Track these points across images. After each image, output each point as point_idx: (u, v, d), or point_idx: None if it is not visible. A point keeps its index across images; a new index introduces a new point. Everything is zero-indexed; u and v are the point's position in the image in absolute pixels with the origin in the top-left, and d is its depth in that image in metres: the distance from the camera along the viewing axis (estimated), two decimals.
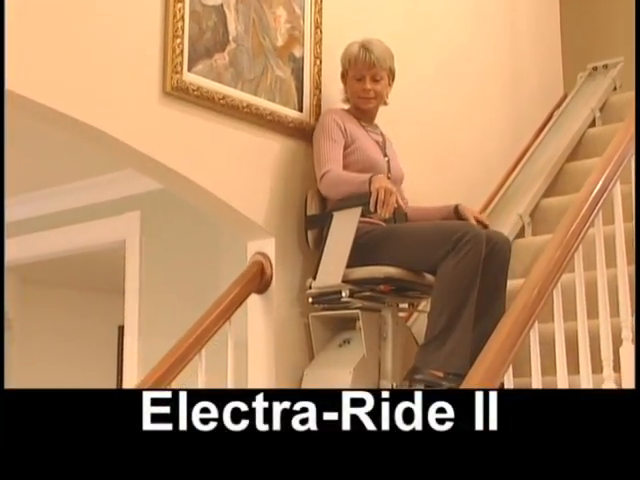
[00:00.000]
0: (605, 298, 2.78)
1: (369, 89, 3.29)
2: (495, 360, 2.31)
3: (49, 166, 4.63)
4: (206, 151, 3.08)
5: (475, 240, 2.89)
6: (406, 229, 3.14)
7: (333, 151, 3.17)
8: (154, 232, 4.54)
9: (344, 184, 3.08)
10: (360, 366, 2.99)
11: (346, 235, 2.99)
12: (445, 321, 2.87)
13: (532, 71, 5.07)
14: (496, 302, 3.05)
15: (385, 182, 2.94)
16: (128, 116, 2.88)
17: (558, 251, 2.64)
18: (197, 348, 2.97)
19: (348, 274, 2.99)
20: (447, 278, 2.90)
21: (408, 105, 3.99)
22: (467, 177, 4.29)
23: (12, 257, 5.46)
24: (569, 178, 4.51)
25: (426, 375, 2.83)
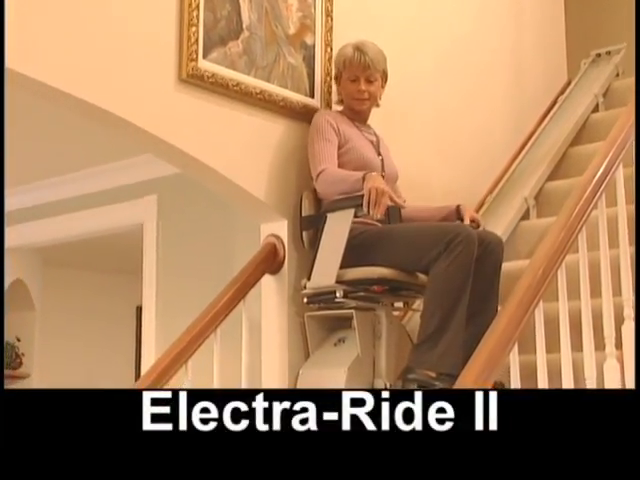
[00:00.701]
0: (608, 278, 2.77)
1: (363, 90, 3.23)
2: (502, 337, 2.32)
3: (70, 152, 4.63)
4: (221, 136, 3.08)
5: (467, 241, 2.83)
6: (399, 230, 3.06)
7: (328, 150, 3.11)
8: (171, 215, 4.55)
9: (339, 182, 3.02)
10: (354, 365, 2.94)
11: (339, 236, 2.92)
12: (437, 322, 2.80)
13: (536, 58, 5.04)
14: (489, 302, 2.98)
15: (378, 181, 2.86)
16: (145, 102, 2.88)
17: (562, 232, 2.64)
18: (213, 327, 2.98)
19: (342, 275, 2.93)
20: (439, 279, 2.84)
21: (416, 92, 3.99)
22: (474, 161, 4.28)
23: (34, 239, 5.50)
24: (573, 162, 4.49)
25: (419, 375, 2.77)
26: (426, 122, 4.04)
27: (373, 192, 2.79)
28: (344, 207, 2.94)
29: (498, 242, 3.11)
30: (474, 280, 2.85)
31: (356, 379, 2.91)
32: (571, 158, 4.57)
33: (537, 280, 2.48)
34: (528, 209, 4.29)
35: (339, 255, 2.89)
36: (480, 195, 4.29)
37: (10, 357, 6.77)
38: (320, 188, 3.11)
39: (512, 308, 2.40)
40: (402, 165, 3.82)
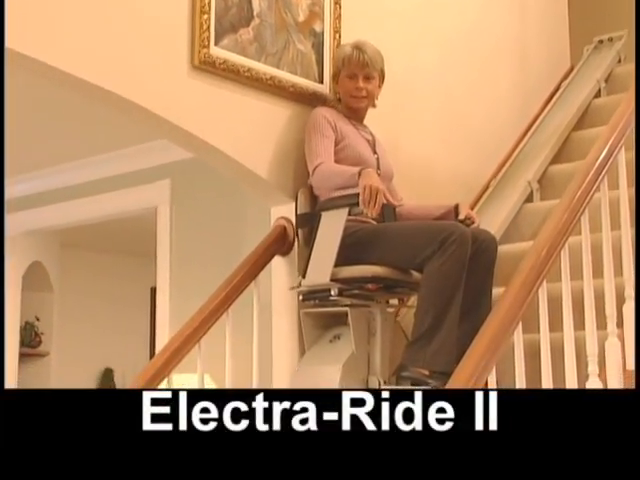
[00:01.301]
0: (609, 259, 2.77)
1: (362, 87, 3.18)
2: (506, 316, 2.32)
3: (86, 137, 4.63)
4: (232, 121, 3.08)
5: (461, 240, 2.78)
6: (393, 228, 3.01)
7: (325, 146, 3.05)
8: (183, 199, 4.55)
9: (334, 176, 2.97)
10: (349, 362, 2.90)
11: (334, 235, 2.86)
12: (431, 320, 2.76)
13: (540, 45, 5.02)
14: (482, 300, 2.93)
15: (373, 179, 2.79)
16: (159, 88, 2.89)
17: (565, 214, 2.63)
18: (225, 307, 2.99)
19: (337, 273, 2.87)
20: (433, 278, 2.79)
21: (423, 78, 3.99)
22: (479, 145, 4.28)
23: (52, 222, 5.52)
24: (575, 146, 4.47)
25: (412, 373, 2.73)
26: (433, 108, 4.04)
27: (367, 190, 2.73)
28: (338, 206, 2.88)
29: (491, 240, 3.06)
30: (468, 278, 2.81)
31: (351, 376, 2.87)
32: (574, 142, 4.55)
33: (541, 261, 2.47)
34: (532, 192, 4.27)
35: (333, 253, 2.84)
36: (485, 178, 4.28)
37: (30, 336, 6.80)
38: (315, 182, 3.05)
39: (516, 288, 2.39)
40: (409, 150, 3.83)
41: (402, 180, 3.77)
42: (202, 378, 2.93)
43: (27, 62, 2.58)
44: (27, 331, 6.75)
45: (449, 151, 4.05)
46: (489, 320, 2.31)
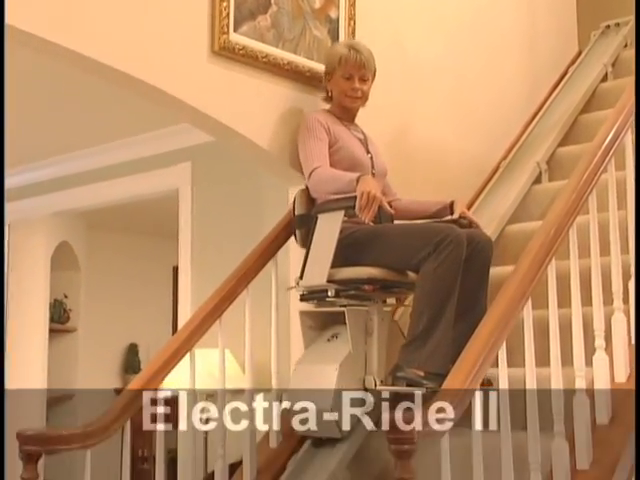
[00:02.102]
0: (616, 237, 2.76)
1: (358, 88, 3.05)
2: (516, 292, 2.30)
3: (111, 122, 4.64)
4: (250, 105, 3.07)
5: (455, 243, 2.69)
6: (389, 230, 2.89)
7: (320, 149, 2.94)
8: (204, 181, 4.55)
9: (332, 181, 2.86)
10: (346, 362, 2.81)
11: (330, 237, 2.77)
12: (426, 322, 2.68)
13: (549, 30, 4.99)
14: (478, 301, 2.86)
15: (371, 185, 2.68)
16: (180, 74, 2.89)
17: (573, 194, 2.61)
18: (244, 284, 2.98)
19: (333, 274, 2.78)
20: (428, 280, 2.70)
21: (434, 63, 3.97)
22: (489, 128, 4.27)
23: (79, 204, 5.53)
24: (583, 129, 4.45)
25: (408, 373, 2.66)
26: (444, 93, 4.02)
27: (365, 197, 2.63)
28: (335, 209, 2.79)
29: (487, 242, 2.98)
30: (463, 279, 2.74)
31: (347, 376, 2.80)
32: (581, 125, 4.54)
33: (550, 239, 2.46)
34: (540, 173, 4.27)
35: (330, 255, 2.75)
36: (495, 161, 4.27)
37: (59, 312, 6.84)
38: (312, 186, 2.95)
39: (526, 265, 2.38)
40: (423, 134, 3.82)
41: (416, 165, 3.77)
42: (223, 353, 2.93)
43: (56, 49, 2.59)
44: (56, 308, 6.79)
45: (460, 135, 4.04)
46: (500, 296, 2.30)
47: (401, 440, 1.84)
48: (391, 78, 3.69)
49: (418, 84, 3.84)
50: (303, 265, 2.85)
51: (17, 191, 5.74)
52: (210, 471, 3.41)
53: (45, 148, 5.21)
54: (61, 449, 2.53)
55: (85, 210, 5.87)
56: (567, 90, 4.82)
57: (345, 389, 2.71)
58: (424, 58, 3.91)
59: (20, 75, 3.91)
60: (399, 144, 3.71)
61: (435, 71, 3.96)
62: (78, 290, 7.00)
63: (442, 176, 3.90)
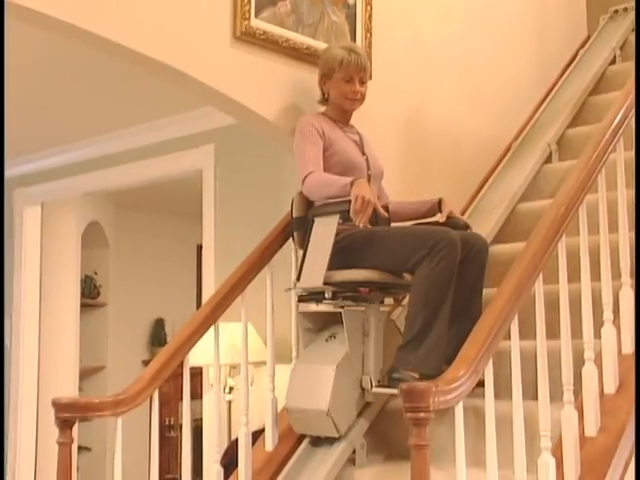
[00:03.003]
0: (624, 214, 2.73)
1: (358, 90, 2.94)
2: (528, 267, 2.29)
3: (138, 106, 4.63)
4: (271, 88, 3.06)
5: (450, 247, 2.61)
6: (384, 234, 2.80)
7: (314, 154, 2.83)
8: (227, 162, 4.54)
9: (326, 186, 2.74)
10: (343, 363, 2.73)
11: (326, 241, 2.68)
12: (421, 325, 2.61)
13: (559, 15, 4.95)
14: (473, 303, 2.80)
15: (364, 190, 2.57)
16: (204, 58, 2.88)
17: (583, 173, 2.58)
18: (266, 260, 2.98)
19: (330, 276, 2.71)
20: (422, 284, 2.63)
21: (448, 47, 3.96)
22: (501, 110, 4.25)
23: (108, 185, 5.54)
24: (592, 110, 4.43)
25: (403, 375, 2.60)
26: (458, 75, 4.00)
27: (359, 201, 2.53)
28: (330, 212, 2.69)
29: (483, 244, 2.89)
30: (459, 282, 2.67)
31: (344, 376, 2.73)
32: (590, 107, 4.51)
33: (560, 216, 2.44)
34: (551, 153, 4.25)
35: (326, 258, 2.66)
36: (507, 141, 4.25)
37: (89, 288, 6.89)
38: (307, 191, 2.83)
39: (537, 241, 2.36)
40: (437, 117, 3.80)
41: (431, 147, 3.76)
42: (245, 326, 2.94)
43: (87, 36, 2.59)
44: (87, 284, 6.84)
45: (473, 117, 4.02)
46: (512, 271, 2.28)
47: (417, 408, 1.84)
48: (407, 62, 3.68)
49: (433, 68, 3.82)
50: (300, 267, 2.78)
51: (50, 173, 5.76)
52: (234, 438, 3.43)
53: (76, 131, 5.22)
54: (93, 416, 2.54)
55: (114, 191, 5.88)
56: (576, 73, 4.78)
57: (342, 390, 2.69)
58: (438, 43, 3.88)
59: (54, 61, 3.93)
60: (415, 127, 3.70)
61: (449, 55, 3.94)
62: (107, 267, 7.05)
63: (456, 157, 3.89)
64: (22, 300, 5.93)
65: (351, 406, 2.76)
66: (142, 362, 7.06)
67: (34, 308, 5.98)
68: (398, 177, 3.57)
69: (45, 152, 5.68)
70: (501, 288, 2.24)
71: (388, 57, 3.54)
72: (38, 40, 3.53)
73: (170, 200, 6.82)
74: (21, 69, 4.07)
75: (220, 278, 3.61)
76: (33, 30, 2.68)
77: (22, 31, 3.10)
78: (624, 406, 2.49)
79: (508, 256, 3.48)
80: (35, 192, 5.93)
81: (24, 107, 4.68)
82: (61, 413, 2.34)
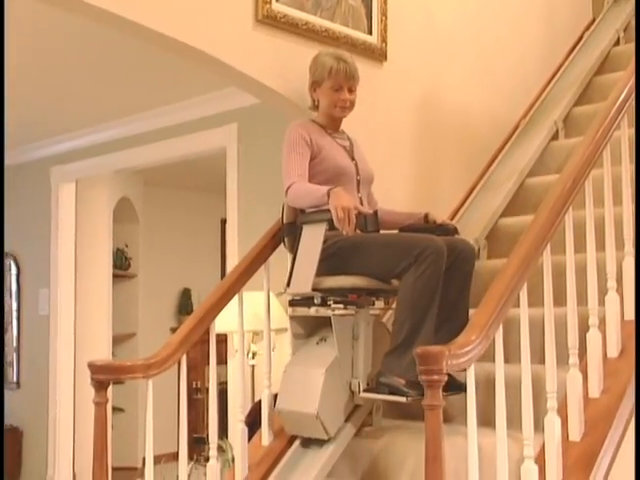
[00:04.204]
0: (628, 188, 2.71)
1: (347, 99, 2.79)
2: (537, 238, 2.28)
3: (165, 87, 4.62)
4: (292, 69, 3.04)
5: (436, 255, 2.49)
6: (372, 241, 2.66)
7: (299, 164, 2.68)
8: (249, 140, 4.53)
9: (306, 196, 2.61)
10: (332, 367, 2.62)
11: (313, 247, 2.57)
12: (407, 332, 2.50)
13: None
14: (459, 310, 2.67)
15: (341, 198, 2.43)
16: (228, 41, 2.87)
17: (589, 149, 2.56)
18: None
19: (318, 283, 2.60)
20: (408, 291, 2.51)
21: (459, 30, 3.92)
22: (510, 89, 4.23)
23: (137, 163, 5.54)
24: (597, 89, 4.39)
25: (390, 380, 2.51)
26: (470, 57, 3.98)
27: (340, 212, 2.39)
28: (317, 220, 2.56)
29: (470, 251, 2.76)
30: (446, 288, 2.56)
31: (334, 380, 2.62)
32: (595, 86, 4.47)
33: (567, 189, 2.42)
34: (557, 131, 4.22)
35: (314, 265, 2.55)
36: (515, 119, 4.22)
37: (121, 260, 6.92)
38: (289, 201, 2.71)
39: (545, 214, 2.34)
40: (450, 97, 3.78)
41: (444, 126, 3.74)
42: (268, 295, 2.93)
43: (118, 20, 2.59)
44: (118, 256, 6.87)
45: (484, 96, 4.00)
46: (521, 242, 2.27)
47: (431, 371, 1.85)
48: (421, 45, 3.65)
49: (446, 50, 3.79)
50: (290, 273, 2.68)
51: (83, 151, 5.77)
52: (257, 400, 3.45)
53: (108, 112, 5.22)
54: (126, 378, 2.57)
55: (143, 168, 5.88)
56: (582, 54, 4.73)
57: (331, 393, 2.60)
58: (451, 26, 3.85)
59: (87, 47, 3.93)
60: (429, 106, 3.67)
61: (461, 38, 3.91)
62: (137, 240, 7.07)
63: (468, 135, 3.87)
64: (58, 271, 5.97)
65: (340, 409, 2.66)
66: (170, 329, 7.10)
67: (70, 279, 6.02)
68: (413, 155, 3.56)
69: (79, 132, 5.68)
70: (510, 258, 2.23)
71: (403, 40, 3.50)
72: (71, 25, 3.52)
73: (196, 177, 6.82)
74: (56, 55, 4.07)
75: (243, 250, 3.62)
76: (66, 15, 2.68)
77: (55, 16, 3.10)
78: (625, 369, 2.50)
79: (517, 228, 3.49)
80: (70, 170, 5.95)
81: (60, 90, 4.68)
82: (96, 375, 2.35)
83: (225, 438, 3.68)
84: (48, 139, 5.93)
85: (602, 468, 2.26)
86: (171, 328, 7.13)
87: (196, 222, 7.64)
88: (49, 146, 6.01)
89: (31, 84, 4.57)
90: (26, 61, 4.19)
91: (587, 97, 4.40)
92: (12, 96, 4.77)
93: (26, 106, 5.05)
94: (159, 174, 6.54)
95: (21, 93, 4.73)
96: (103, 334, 6.18)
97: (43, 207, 6.08)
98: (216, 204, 6.20)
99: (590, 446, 2.30)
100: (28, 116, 5.32)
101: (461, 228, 3.63)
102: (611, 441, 2.31)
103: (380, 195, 3.34)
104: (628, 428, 2.39)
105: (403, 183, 3.50)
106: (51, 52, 4.06)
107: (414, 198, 3.54)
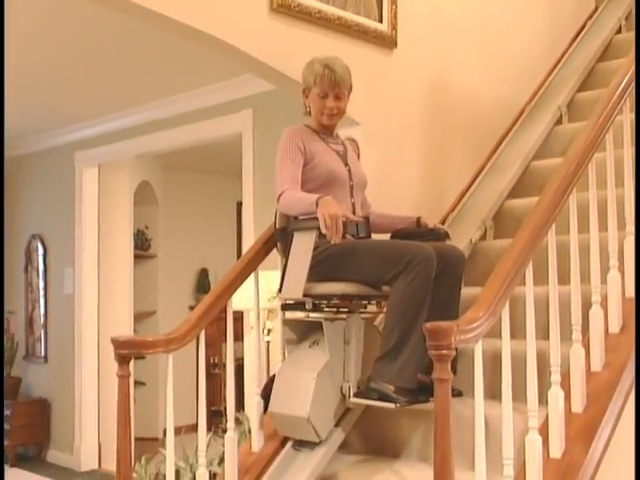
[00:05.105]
0: (630, 171, 2.68)
1: (333, 107, 2.66)
2: (542, 218, 2.26)
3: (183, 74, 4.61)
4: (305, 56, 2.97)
5: (425, 263, 2.40)
6: (361, 248, 2.57)
7: (290, 171, 2.59)
8: (264, 125, 4.51)
9: (296, 204, 2.51)
10: (324, 371, 2.55)
11: (304, 254, 2.50)
12: (396, 339, 2.43)
13: None
14: (449, 315, 2.50)
15: (329, 207, 2.34)
16: (244, 28, 2.86)
17: (593, 132, 2.52)
18: None
19: (309, 288, 2.52)
20: (398, 299, 2.43)
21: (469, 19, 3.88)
22: (516, 77, 4.18)
23: (157, 147, 5.54)
24: (599, 76, 4.34)
25: (379, 386, 2.44)
26: (477, 44, 3.94)
27: (328, 220, 2.31)
28: (307, 228, 2.47)
29: (459, 257, 2.67)
30: (435, 294, 2.47)
31: (325, 384, 2.55)
32: (598, 72, 4.42)
33: (571, 172, 2.39)
34: (561, 115, 4.17)
35: (304, 272, 2.48)
36: (521, 105, 4.18)
37: (141, 241, 6.93)
38: (281, 208, 2.64)
39: (550, 195, 2.32)
40: (458, 82, 3.74)
41: (452, 110, 3.71)
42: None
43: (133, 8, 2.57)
44: (139, 237, 6.88)
45: (490, 83, 3.97)
46: (527, 222, 2.25)
47: (440, 346, 1.83)
48: (429, 32, 3.62)
49: (453, 37, 3.76)
50: (282, 278, 2.61)
51: (105, 137, 5.78)
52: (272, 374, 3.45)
53: (129, 99, 5.21)
54: (147, 352, 2.57)
55: (162, 153, 5.89)
56: (585, 42, 4.67)
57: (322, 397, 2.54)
58: (459, 14, 3.81)
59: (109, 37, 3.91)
60: (437, 93, 3.64)
61: (468, 26, 3.88)
62: (157, 222, 7.08)
63: (475, 119, 3.84)
64: (83, 251, 5.99)
65: (331, 412, 2.60)
66: (189, 307, 7.12)
67: (93, 259, 6.04)
68: (423, 139, 3.54)
69: (102, 119, 5.68)
70: (516, 238, 2.21)
71: (412, 27, 3.47)
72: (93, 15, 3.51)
73: (213, 161, 6.81)
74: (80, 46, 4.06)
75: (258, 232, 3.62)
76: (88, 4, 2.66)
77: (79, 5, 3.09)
78: (626, 344, 2.48)
79: (522, 209, 3.47)
80: (93, 155, 5.95)
81: (84, 79, 4.67)
82: (119, 349, 2.36)
83: (242, 410, 3.69)
84: (72, 125, 5.94)
85: (602, 438, 2.26)
86: (189, 306, 7.16)
87: (213, 205, 7.64)
88: (73, 132, 6.01)
89: (57, 73, 4.57)
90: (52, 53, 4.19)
91: (590, 83, 4.35)
92: (38, 84, 4.78)
93: (52, 94, 5.05)
94: (178, 159, 6.54)
95: (47, 81, 4.73)
96: (125, 311, 6.21)
97: (68, 190, 6.09)
98: (232, 187, 6.20)
99: (591, 418, 2.29)
100: (53, 104, 5.33)
101: (468, 209, 3.63)
102: (611, 413, 2.31)
103: (391, 178, 3.33)
104: (628, 400, 2.39)
105: (413, 167, 3.48)
106: (75, 43, 4.05)
107: (423, 181, 3.52)
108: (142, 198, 6.59)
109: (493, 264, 2.21)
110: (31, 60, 4.30)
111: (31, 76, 4.61)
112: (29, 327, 6.51)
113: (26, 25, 3.74)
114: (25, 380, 6.40)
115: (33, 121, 5.87)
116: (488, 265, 2.98)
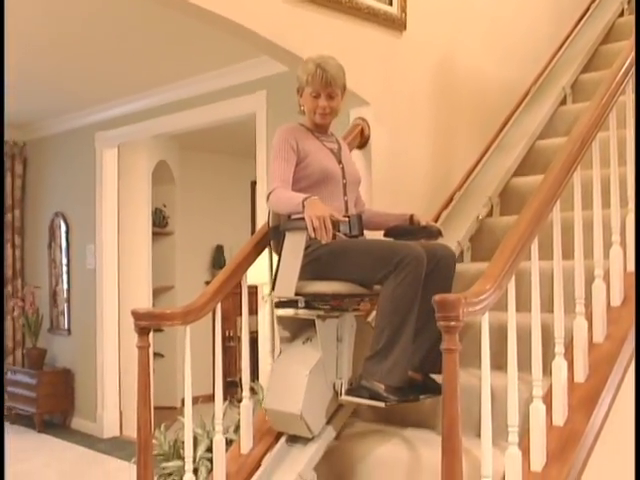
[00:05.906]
0: (632, 150, 2.65)
1: (325, 106, 2.58)
2: (547, 195, 2.24)
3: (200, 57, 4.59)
4: (318, 38, 3.01)
5: (415, 263, 2.34)
6: (352, 248, 2.50)
7: (282, 170, 2.51)
8: (277, 106, 4.49)
9: (284, 204, 2.44)
10: (316, 368, 2.49)
11: (295, 254, 2.44)
12: (386, 339, 2.37)
13: None
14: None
15: (315, 208, 2.27)
16: (259, 12, 2.83)
17: (597, 111, 2.50)
18: None
19: (302, 287, 2.47)
20: (388, 299, 2.37)
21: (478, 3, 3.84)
22: (522, 58, 4.14)
23: (173, 128, 5.53)
24: (602, 58, 4.28)
25: (370, 384, 2.39)
26: (484, 26, 3.91)
27: (315, 222, 2.24)
28: (298, 228, 2.39)
29: (450, 256, 2.59)
30: (426, 293, 2.34)
31: (318, 381, 2.49)
32: (601, 54, 4.36)
33: (575, 150, 2.37)
34: (565, 96, 4.13)
35: (296, 271, 2.43)
36: (526, 86, 4.14)
37: (159, 219, 6.95)
38: (270, 207, 2.58)
39: (555, 172, 2.30)
40: (465, 63, 3.71)
41: (459, 91, 3.69)
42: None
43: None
44: (157, 215, 6.89)
45: (497, 64, 3.94)
46: (532, 199, 2.23)
47: (448, 317, 1.83)
48: (438, 16, 3.58)
49: (462, 20, 3.73)
50: (274, 277, 2.56)
51: (124, 118, 5.77)
52: None
53: (146, 81, 5.20)
54: (166, 324, 2.57)
55: (179, 133, 5.87)
56: (588, 25, 4.61)
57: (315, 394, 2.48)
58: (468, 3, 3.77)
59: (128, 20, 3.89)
60: (445, 74, 3.61)
61: (476, 9, 3.84)
62: (174, 200, 7.09)
63: (482, 100, 3.81)
64: (103, 229, 6.01)
65: (324, 409, 2.54)
66: (205, 282, 7.14)
67: (113, 236, 6.06)
68: (431, 119, 3.51)
69: (121, 100, 5.68)
70: (522, 214, 2.20)
71: (421, 10, 3.44)
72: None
73: (228, 141, 6.80)
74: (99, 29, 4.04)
75: None
76: None
77: None
78: (627, 317, 2.48)
79: (528, 187, 3.45)
80: (112, 135, 5.95)
81: (103, 62, 4.66)
82: (139, 321, 2.37)
83: (256, 380, 3.71)
84: (93, 107, 5.93)
85: (603, 407, 2.26)
86: (206, 281, 7.17)
87: (228, 184, 7.64)
88: (94, 114, 6.01)
89: (77, 56, 4.56)
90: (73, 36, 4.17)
91: (593, 65, 4.30)
92: (59, 68, 4.77)
93: (72, 77, 5.04)
94: (194, 139, 6.53)
95: (68, 64, 4.72)
96: (144, 286, 6.24)
97: (89, 170, 6.10)
98: (246, 167, 6.18)
99: (593, 387, 2.29)
100: (74, 86, 5.32)
101: (475, 186, 3.61)
102: (612, 383, 2.31)
103: (400, 157, 3.31)
104: (628, 371, 2.39)
105: (421, 146, 3.46)
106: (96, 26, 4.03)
107: (431, 160, 3.51)
108: (159, 177, 6.59)
109: (499, 240, 2.21)
110: (53, 43, 4.29)
111: (52, 59, 4.60)
112: (53, 301, 6.56)
113: (45, 7, 3.73)
114: (50, 351, 6.46)
115: (55, 104, 5.87)
116: (494, 241, 2.97)
